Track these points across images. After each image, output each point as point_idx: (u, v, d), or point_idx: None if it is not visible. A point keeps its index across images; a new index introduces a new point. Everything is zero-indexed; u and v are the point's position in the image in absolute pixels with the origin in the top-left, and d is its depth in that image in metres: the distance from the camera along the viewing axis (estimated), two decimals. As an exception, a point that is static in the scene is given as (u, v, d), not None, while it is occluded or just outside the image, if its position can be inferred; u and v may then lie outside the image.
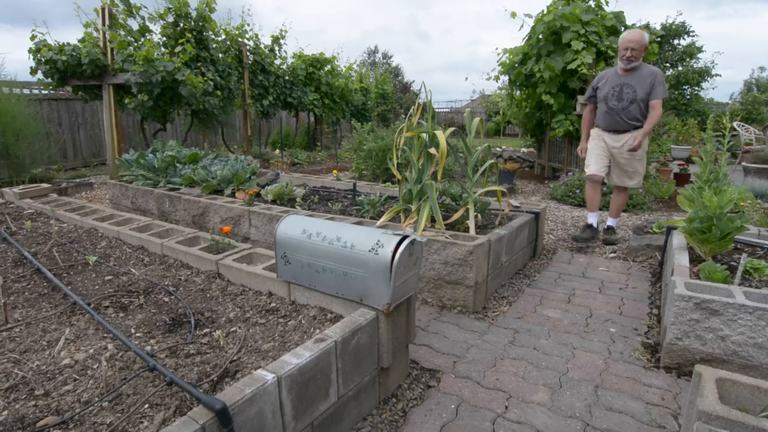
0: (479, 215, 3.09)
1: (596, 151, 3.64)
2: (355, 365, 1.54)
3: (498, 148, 8.84)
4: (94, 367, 1.45)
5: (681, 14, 20.93)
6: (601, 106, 3.62)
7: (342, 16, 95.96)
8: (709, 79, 14.08)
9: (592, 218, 3.78)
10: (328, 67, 10.49)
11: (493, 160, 3.07)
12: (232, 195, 4.04)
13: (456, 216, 2.88)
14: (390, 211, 2.96)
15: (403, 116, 12.87)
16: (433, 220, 2.84)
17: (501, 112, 11.79)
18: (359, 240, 1.62)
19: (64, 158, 8.34)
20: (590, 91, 3.74)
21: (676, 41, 14.59)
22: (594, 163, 3.63)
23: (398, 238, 1.56)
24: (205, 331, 1.69)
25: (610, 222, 3.88)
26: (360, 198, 3.46)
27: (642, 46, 3.31)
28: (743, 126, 9.55)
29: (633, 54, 3.33)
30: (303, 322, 1.72)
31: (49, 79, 6.02)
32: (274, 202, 3.83)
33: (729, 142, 2.92)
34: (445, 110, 22.28)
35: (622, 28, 5.98)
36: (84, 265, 2.37)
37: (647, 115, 3.42)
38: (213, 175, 4.20)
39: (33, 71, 6.01)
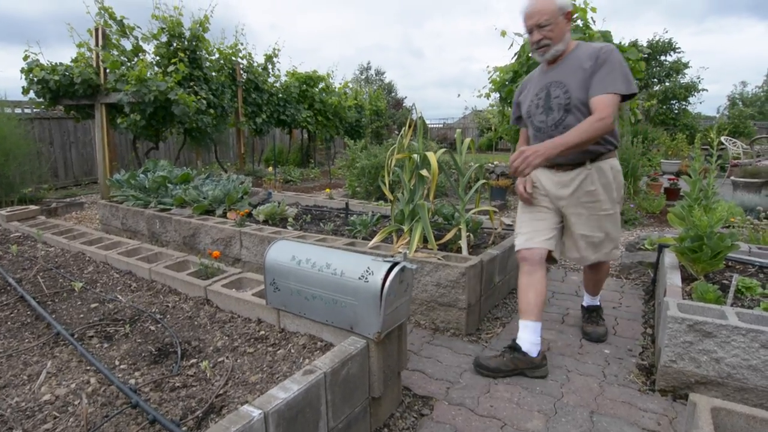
0: (471, 235, 3.09)
1: (528, 211, 2.21)
2: (346, 396, 1.50)
3: (491, 164, 8.90)
4: (76, 403, 1.41)
5: (667, 32, 21.53)
6: (529, 130, 2.26)
7: (336, 34, 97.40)
8: (695, 93, 14.35)
9: (526, 332, 2.09)
10: (322, 84, 10.58)
11: (484, 180, 3.08)
12: (224, 215, 4.02)
13: (448, 236, 2.87)
14: (382, 232, 2.94)
15: (396, 133, 12.94)
16: (425, 240, 2.83)
17: (493, 128, 11.91)
18: (349, 267, 1.60)
19: (55, 177, 8.29)
20: (514, 109, 2.36)
21: (663, 57, 14.90)
22: (526, 229, 2.16)
23: (388, 265, 1.54)
24: (191, 361, 1.65)
25: (589, 301, 2.53)
26: (352, 218, 3.45)
27: (555, 16, 1.93)
28: (731, 140, 9.70)
29: (545, 34, 1.96)
30: (292, 351, 1.68)
31: (41, 99, 6.01)
32: (266, 222, 3.80)
33: (716, 160, 2.95)
34: (437, 126, 22.47)
35: (610, 47, 6.09)
36: (69, 292, 2.32)
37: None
38: (204, 195, 4.18)
39: (25, 91, 6.00)
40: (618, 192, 2.14)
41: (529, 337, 2.09)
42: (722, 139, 9.42)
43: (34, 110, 7.95)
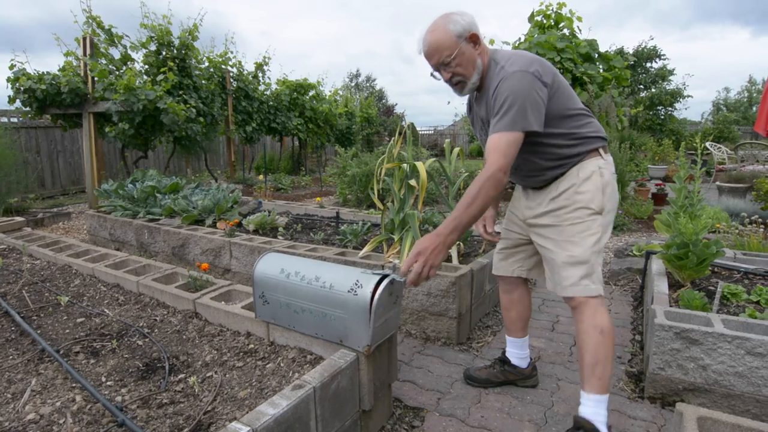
0: (461, 243, 3.10)
1: (504, 233, 2.01)
2: (335, 410, 1.50)
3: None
4: (61, 422, 1.38)
5: (652, 39, 21.91)
6: None
7: (327, 41, 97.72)
8: (681, 99, 14.61)
9: (514, 347, 2.09)
10: (313, 92, 10.60)
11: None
12: (214, 225, 3.99)
13: (438, 245, 2.88)
14: (373, 241, 2.95)
15: (387, 140, 12.99)
16: (415, 249, 2.83)
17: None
18: (338, 280, 1.59)
19: (42, 186, 8.18)
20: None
21: (648, 64, 15.17)
22: (497, 254, 2.04)
23: (377, 278, 1.54)
24: (179, 377, 1.63)
25: (587, 405, 1.62)
26: (343, 228, 3.45)
27: (456, 46, 1.59)
28: (715, 146, 9.87)
29: (453, 71, 1.64)
30: (282, 364, 1.67)
31: (28, 108, 5.95)
32: (256, 231, 3.78)
33: (702, 167, 3.00)
34: (428, 132, 22.58)
35: (596, 55, 6.19)
36: (55, 306, 2.29)
37: (549, 150, 1.67)
38: (194, 205, 4.15)
39: (11, 100, 5.93)
40: (596, 197, 1.64)
41: (517, 351, 2.08)
42: (707, 144, 9.58)
43: (21, 119, 7.86)
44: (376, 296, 1.49)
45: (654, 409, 1.91)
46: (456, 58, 1.61)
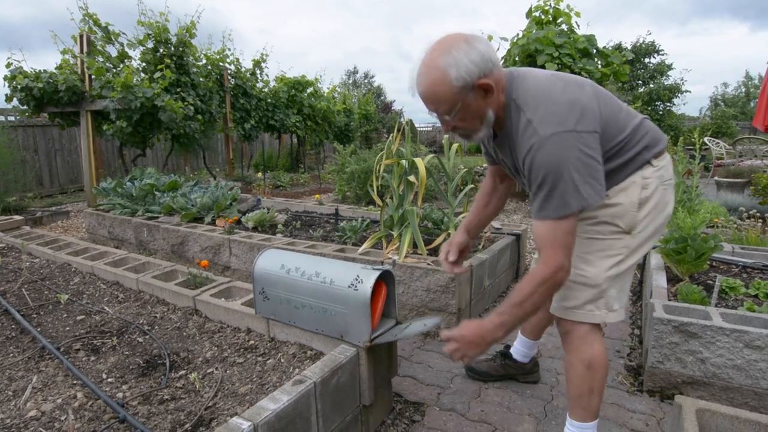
0: (461, 239, 3.10)
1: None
2: (336, 405, 1.50)
3: (480, 167, 8.95)
4: (62, 418, 1.39)
5: (650, 34, 21.88)
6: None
7: (325, 38, 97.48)
8: (679, 95, 14.61)
9: (522, 345, 2.03)
10: (311, 89, 10.57)
11: (473, 185, 3.10)
12: (213, 223, 3.99)
13: (438, 241, 2.89)
14: (372, 238, 2.95)
15: (386, 136, 12.97)
16: (415, 245, 2.83)
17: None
18: (338, 275, 1.60)
19: (40, 185, 8.16)
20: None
21: (646, 60, 15.16)
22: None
23: (378, 273, 1.55)
24: (180, 373, 1.64)
25: (570, 431, 1.54)
26: (342, 224, 3.45)
27: (458, 99, 1.24)
28: (714, 141, 9.88)
29: (456, 124, 1.32)
30: (282, 360, 1.68)
31: (25, 107, 5.92)
32: (255, 229, 3.78)
33: (699, 162, 3.01)
34: (427, 129, 22.55)
35: (594, 50, 6.18)
36: (55, 304, 2.29)
37: None
38: (193, 203, 4.14)
39: (8, 98, 5.90)
40: (627, 213, 1.37)
41: (524, 350, 2.02)
42: (705, 139, 9.60)
43: (18, 118, 7.83)
44: (370, 289, 1.49)
45: (653, 403, 1.92)
46: (457, 113, 1.27)
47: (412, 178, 2.70)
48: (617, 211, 1.37)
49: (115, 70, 6.20)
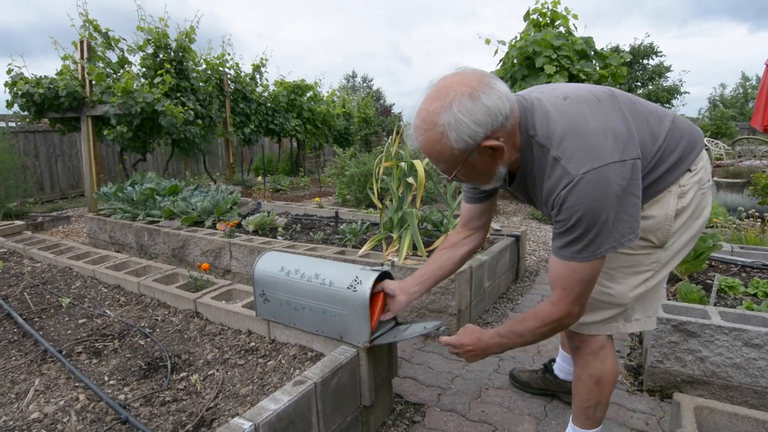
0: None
1: None
2: (337, 406, 1.51)
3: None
4: (65, 420, 1.40)
5: (648, 36, 21.98)
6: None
7: (324, 42, 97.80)
8: (678, 96, 14.65)
9: (564, 361, 1.94)
10: (310, 93, 10.61)
11: (472, 186, 3.11)
12: (213, 226, 4.00)
13: (437, 243, 2.90)
14: (372, 240, 2.96)
15: (386, 140, 13.01)
16: (414, 247, 2.85)
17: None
18: (338, 277, 1.61)
19: (41, 190, 8.19)
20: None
21: (645, 61, 15.21)
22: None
23: (377, 274, 1.56)
24: (182, 375, 1.64)
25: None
26: (342, 227, 3.46)
27: (459, 161, 1.12)
28: (713, 141, 9.91)
29: (461, 178, 1.22)
30: (283, 362, 1.68)
31: (26, 112, 5.95)
32: (255, 232, 3.80)
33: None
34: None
35: (592, 52, 6.21)
36: (57, 308, 2.30)
37: None
38: (193, 207, 4.16)
39: (9, 104, 5.93)
40: (661, 227, 1.25)
41: (565, 366, 1.92)
42: (704, 140, 9.61)
43: (19, 123, 7.87)
44: (369, 290, 1.50)
45: (653, 402, 1.92)
46: (460, 171, 1.15)
47: (411, 180, 2.72)
48: (650, 224, 1.24)
49: (115, 76, 6.23)
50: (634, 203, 1.07)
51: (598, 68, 6.19)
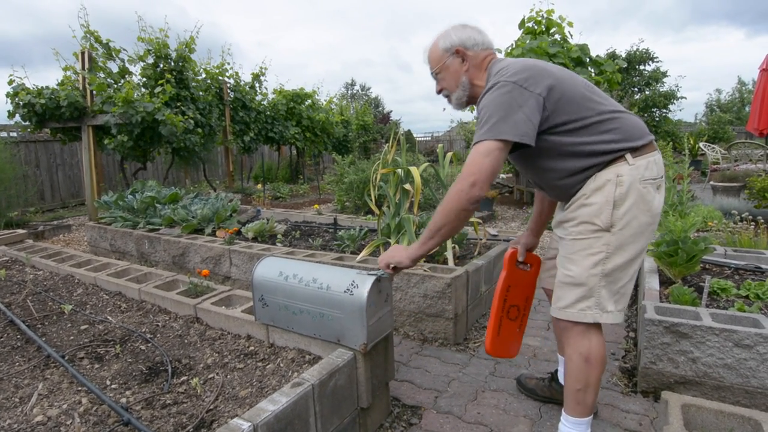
0: (457, 246, 3.15)
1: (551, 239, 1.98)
2: (334, 407, 1.54)
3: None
4: (68, 423, 1.43)
5: (643, 41, 22.13)
6: None
7: (323, 50, 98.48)
8: (675, 101, 14.72)
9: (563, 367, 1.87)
10: (309, 101, 10.69)
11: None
12: (213, 234, 4.04)
13: (434, 248, 2.93)
14: (369, 246, 3.00)
15: (384, 147, 13.08)
16: (412, 252, 2.88)
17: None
18: (335, 281, 1.65)
19: (42, 200, 8.23)
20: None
21: (641, 67, 15.31)
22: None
23: (373, 278, 1.59)
24: (182, 379, 1.68)
25: (565, 426, 1.60)
26: (340, 233, 3.50)
27: (442, 61, 1.61)
28: (710, 146, 9.97)
29: (440, 85, 1.67)
30: (281, 365, 1.72)
31: (27, 122, 6.01)
32: (255, 239, 3.83)
33: (690, 167, 3.07)
34: (425, 138, 22.70)
35: (588, 59, 6.29)
36: (59, 315, 2.33)
37: (558, 166, 1.52)
38: (193, 215, 4.20)
39: (11, 115, 5.99)
40: (603, 212, 1.44)
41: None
42: (701, 144, 9.68)
43: (20, 133, 7.93)
44: (365, 294, 1.54)
45: (646, 403, 1.95)
46: (440, 72, 1.63)
47: (407, 186, 2.76)
48: (593, 210, 1.46)
49: (116, 86, 6.30)
50: (521, 115, 1.39)
51: (593, 75, 6.26)
